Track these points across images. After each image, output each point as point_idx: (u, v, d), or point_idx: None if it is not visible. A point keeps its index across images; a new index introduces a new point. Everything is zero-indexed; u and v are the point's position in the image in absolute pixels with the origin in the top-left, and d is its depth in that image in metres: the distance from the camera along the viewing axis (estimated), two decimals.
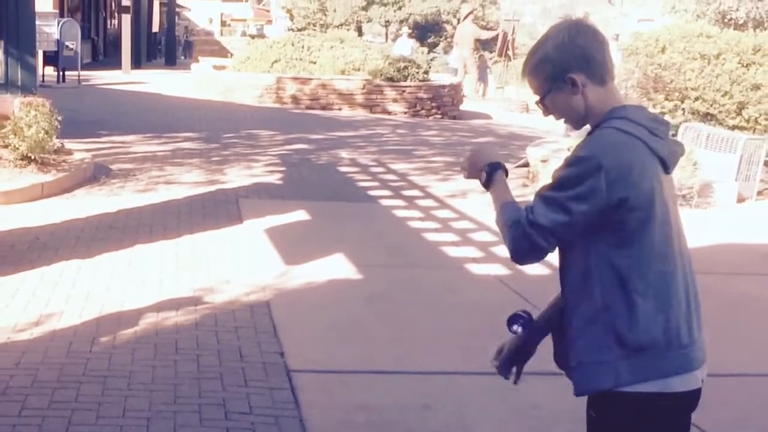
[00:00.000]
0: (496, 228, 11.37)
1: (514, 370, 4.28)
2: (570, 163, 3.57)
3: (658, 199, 3.56)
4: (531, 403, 7.19)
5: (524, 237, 3.61)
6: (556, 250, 3.72)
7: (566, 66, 3.66)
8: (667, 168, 3.65)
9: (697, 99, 18.40)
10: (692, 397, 3.71)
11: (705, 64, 18.74)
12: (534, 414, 7.01)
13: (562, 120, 3.88)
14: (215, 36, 68.45)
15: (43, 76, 30.37)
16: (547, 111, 3.86)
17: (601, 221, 3.52)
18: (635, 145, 3.55)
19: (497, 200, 3.89)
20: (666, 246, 3.62)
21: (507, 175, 3.99)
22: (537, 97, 3.85)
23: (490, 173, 3.97)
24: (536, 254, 3.66)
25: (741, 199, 15.74)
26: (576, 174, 3.52)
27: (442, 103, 29.95)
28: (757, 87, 18.19)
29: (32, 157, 14.34)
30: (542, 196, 3.62)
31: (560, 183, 3.58)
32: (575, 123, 3.84)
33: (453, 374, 7.78)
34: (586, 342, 3.68)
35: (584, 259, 3.65)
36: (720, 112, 18.36)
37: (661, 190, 3.60)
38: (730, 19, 37.12)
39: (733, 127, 18.05)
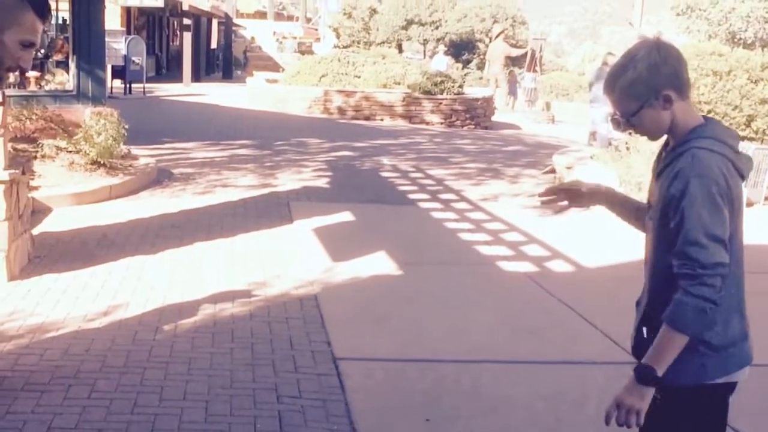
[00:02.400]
0: (526, 229, 11.37)
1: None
2: (696, 191, 3.44)
3: (738, 211, 3.56)
4: (556, 389, 7.16)
5: (712, 289, 3.44)
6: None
7: (660, 84, 3.58)
8: (743, 179, 3.62)
9: (709, 112, 18.33)
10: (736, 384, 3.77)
11: (717, 80, 18.79)
12: (559, 399, 6.97)
13: (639, 134, 3.79)
14: (268, 52, 68.42)
15: (112, 88, 30.56)
16: (629, 127, 3.74)
17: None
18: (727, 165, 3.52)
19: (668, 349, 3.53)
20: (741, 251, 3.64)
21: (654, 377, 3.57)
22: (618, 113, 3.70)
23: (651, 380, 3.56)
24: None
25: (750, 204, 15.63)
26: (711, 199, 3.44)
27: (475, 114, 29.94)
28: (765, 101, 18.16)
29: (101, 162, 14.42)
30: (697, 242, 3.44)
31: (702, 222, 3.44)
32: (656, 137, 3.76)
33: (484, 362, 7.75)
34: None
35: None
36: (730, 124, 18.33)
37: (741, 201, 3.61)
38: (740, 39, 36.96)
39: (743, 138, 18.02)
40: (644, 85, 3.59)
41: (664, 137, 3.78)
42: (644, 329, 3.84)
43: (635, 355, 3.91)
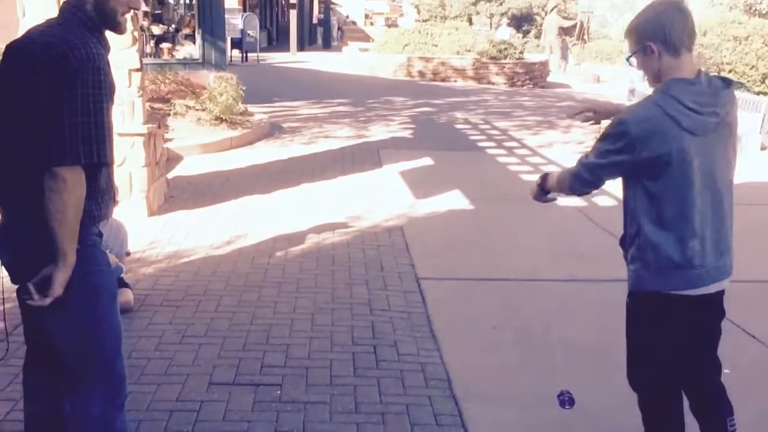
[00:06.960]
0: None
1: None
2: (612, 124, 3.62)
3: (677, 156, 3.49)
4: (603, 302, 7.08)
5: (577, 174, 3.80)
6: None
7: (646, 36, 3.60)
8: (695, 134, 3.53)
9: (730, 71, 18.49)
10: (700, 301, 3.73)
11: (737, 44, 18.98)
12: (606, 309, 6.88)
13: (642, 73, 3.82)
14: (360, 25, 68.16)
15: (231, 56, 30.64)
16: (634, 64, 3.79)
17: (633, 167, 3.59)
18: (661, 119, 3.49)
19: (557, 178, 4.08)
20: (687, 189, 3.57)
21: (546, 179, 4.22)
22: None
23: (544, 185, 4.24)
24: (585, 186, 3.84)
25: (764, 148, 15.51)
26: (612, 133, 3.59)
27: (534, 76, 29.64)
28: None
29: (223, 118, 14.52)
30: (594, 146, 3.74)
31: (602, 137, 3.66)
32: (648, 79, 3.77)
33: (541, 281, 7.68)
34: (632, 252, 3.79)
35: (629, 190, 3.73)
36: (748, 81, 18.53)
37: (685, 149, 3.50)
38: (755, 10, 36.54)
39: (758, 93, 18.18)
40: (636, 34, 3.67)
41: None
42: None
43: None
